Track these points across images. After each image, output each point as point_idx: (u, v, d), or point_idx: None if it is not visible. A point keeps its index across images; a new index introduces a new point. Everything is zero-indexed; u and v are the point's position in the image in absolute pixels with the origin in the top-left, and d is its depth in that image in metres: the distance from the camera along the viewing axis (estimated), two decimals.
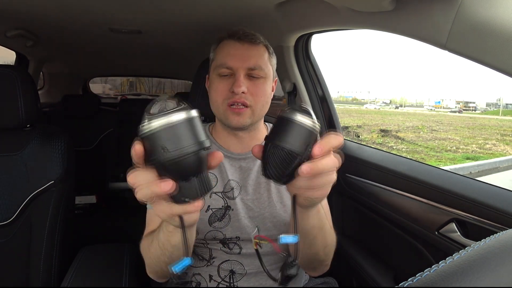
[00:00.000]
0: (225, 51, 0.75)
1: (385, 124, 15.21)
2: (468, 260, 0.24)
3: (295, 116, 0.42)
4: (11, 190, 0.97)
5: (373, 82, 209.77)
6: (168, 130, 0.36)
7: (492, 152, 9.12)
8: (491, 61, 0.53)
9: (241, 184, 0.77)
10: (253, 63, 0.73)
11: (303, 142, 0.42)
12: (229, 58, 0.73)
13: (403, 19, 0.67)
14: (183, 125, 0.37)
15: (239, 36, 0.75)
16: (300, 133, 0.42)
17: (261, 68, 0.74)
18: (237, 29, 0.76)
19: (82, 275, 0.91)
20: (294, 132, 0.42)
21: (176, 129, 0.36)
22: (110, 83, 5.39)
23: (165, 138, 0.36)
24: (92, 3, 1.02)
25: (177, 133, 0.36)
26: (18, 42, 1.48)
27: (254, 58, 0.74)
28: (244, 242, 0.75)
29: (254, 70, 0.73)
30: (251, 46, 0.75)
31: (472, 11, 0.53)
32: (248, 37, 0.75)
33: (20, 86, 0.96)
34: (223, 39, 0.78)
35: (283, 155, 0.42)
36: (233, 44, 0.75)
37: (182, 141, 0.36)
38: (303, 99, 1.27)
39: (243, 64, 0.73)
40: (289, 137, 0.42)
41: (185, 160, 0.37)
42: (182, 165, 0.37)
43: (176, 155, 0.36)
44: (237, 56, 0.73)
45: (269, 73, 0.77)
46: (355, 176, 1.10)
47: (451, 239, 0.75)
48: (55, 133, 1.04)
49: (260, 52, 0.76)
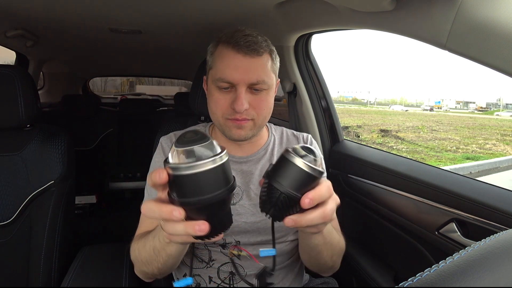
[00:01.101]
0: (225, 62, 0.68)
1: (385, 124, 15.21)
2: (468, 260, 0.24)
3: (299, 160, 0.42)
4: (11, 190, 0.97)
5: (373, 82, 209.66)
6: (207, 174, 0.37)
7: (492, 152, 9.12)
8: (491, 61, 0.53)
9: (243, 189, 0.75)
10: (255, 77, 0.67)
11: (304, 187, 0.42)
12: (230, 72, 0.66)
13: (403, 19, 0.67)
14: (219, 169, 0.38)
15: (241, 47, 0.67)
16: (303, 178, 0.42)
17: (264, 82, 0.69)
18: (238, 33, 0.68)
19: (82, 275, 0.91)
20: (297, 176, 0.42)
21: (215, 173, 0.37)
22: (110, 83, 5.39)
23: (204, 181, 0.37)
24: (92, 3, 1.02)
25: (215, 177, 0.37)
26: (18, 42, 1.48)
27: (257, 72, 0.68)
28: (244, 246, 0.74)
29: (257, 84, 0.68)
30: (253, 57, 0.68)
31: (472, 11, 0.53)
32: (251, 47, 0.67)
33: (20, 86, 0.96)
34: (222, 43, 0.70)
35: (284, 199, 0.42)
36: (234, 56, 0.67)
37: (218, 185, 0.38)
38: (303, 99, 1.27)
39: (244, 78, 0.67)
40: (292, 181, 0.42)
41: (218, 202, 0.38)
42: (215, 207, 0.38)
43: (212, 199, 0.37)
44: (238, 70, 0.67)
45: (272, 82, 0.72)
46: (355, 176, 1.10)
47: (451, 239, 0.75)
48: (55, 133, 1.04)
49: (263, 63, 0.69)
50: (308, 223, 0.43)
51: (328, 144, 1.28)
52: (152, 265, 0.59)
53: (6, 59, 2.11)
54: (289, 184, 0.42)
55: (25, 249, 0.97)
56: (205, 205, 0.37)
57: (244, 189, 0.75)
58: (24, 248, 0.97)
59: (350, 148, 1.21)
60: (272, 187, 0.43)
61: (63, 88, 2.66)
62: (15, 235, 0.97)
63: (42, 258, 0.97)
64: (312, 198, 0.42)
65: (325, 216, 0.44)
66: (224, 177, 0.38)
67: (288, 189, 0.42)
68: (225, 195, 0.38)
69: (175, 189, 0.38)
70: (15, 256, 0.97)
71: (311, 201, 0.42)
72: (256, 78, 0.68)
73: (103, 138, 2.48)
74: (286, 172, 0.42)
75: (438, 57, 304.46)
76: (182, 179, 0.37)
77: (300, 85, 1.27)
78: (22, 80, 0.97)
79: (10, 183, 0.97)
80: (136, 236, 0.69)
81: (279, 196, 0.42)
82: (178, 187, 0.38)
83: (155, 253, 0.56)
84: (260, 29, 0.74)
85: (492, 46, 0.51)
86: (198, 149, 0.37)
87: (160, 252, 0.55)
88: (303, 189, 0.42)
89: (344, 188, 1.15)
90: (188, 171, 0.36)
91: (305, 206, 0.42)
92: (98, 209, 2.42)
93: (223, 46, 0.70)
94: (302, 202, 0.42)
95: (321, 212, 0.44)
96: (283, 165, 0.42)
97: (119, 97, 3.31)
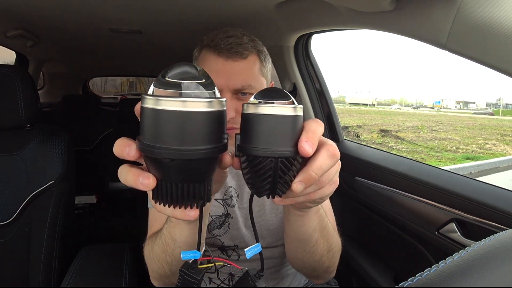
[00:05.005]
0: (206, 66, 0.63)
1: (385, 124, 15.21)
2: (468, 260, 0.24)
3: (274, 107, 0.31)
4: (11, 190, 0.97)
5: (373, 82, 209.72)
6: (189, 117, 0.27)
7: (492, 152, 9.12)
8: (491, 61, 0.53)
9: (238, 191, 0.74)
10: (239, 82, 0.62)
11: (294, 134, 0.31)
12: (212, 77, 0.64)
13: (403, 19, 0.67)
14: (211, 117, 0.28)
15: (222, 50, 0.62)
16: (288, 125, 0.31)
17: (251, 86, 0.64)
18: (220, 35, 0.64)
19: (82, 275, 0.91)
20: (281, 128, 0.31)
21: (199, 122, 0.27)
22: (110, 83, 5.38)
23: (182, 126, 0.27)
24: (92, 3, 1.02)
25: (198, 126, 0.27)
26: (18, 42, 1.48)
27: (241, 76, 0.63)
28: (242, 250, 0.74)
29: (242, 90, 0.63)
30: (237, 61, 0.63)
31: (472, 11, 0.53)
32: (233, 49, 0.62)
33: (20, 86, 0.96)
34: (204, 47, 0.66)
35: (284, 164, 0.31)
36: (215, 59, 0.63)
37: (204, 139, 0.28)
38: (303, 99, 1.27)
39: (228, 84, 0.62)
40: (279, 137, 0.31)
41: (192, 165, 0.28)
42: (191, 168, 0.29)
43: (190, 155, 0.27)
44: (220, 75, 0.62)
45: (261, 86, 0.67)
46: (355, 176, 1.10)
47: (451, 239, 0.75)
48: (55, 133, 1.04)
49: (249, 66, 0.64)
50: (319, 172, 0.32)
51: None
52: (162, 261, 0.56)
53: (6, 59, 2.11)
54: (278, 142, 0.30)
55: (25, 249, 0.97)
56: (179, 162, 0.27)
57: (239, 192, 0.74)
58: (24, 248, 0.97)
59: (350, 148, 1.21)
60: (257, 159, 0.31)
61: (63, 88, 2.65)
62: (15, 235, 0.97)
63: (42, 258, 0.97)
64: (310, 139, 0.31)
65: (333, 154, 0.34)
66: (214, 132, 0.28)
67: (280, 149, 0.30)
68: (206, 155, 0.28)
69: (144, 130, 0.28)
70: (15, 256, 0.97)
71: (311, 143, 0.31)
72: (240, 83, 0.63)
73: (103, 138, 2.48)
74: (265, 130, 0.30)
75: (438, 57, 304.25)
76: (152, 114, 0.27)
77: (300, 85, 1.27)
78: (22, 80, 0.97)
79: (10, 183, 0.97)
80: (148, 236, 0.66)
81: (276, 166, 0.31)
82: (146, 126, 0.28)
83: (163, 243, 0.53)
84: (260, 29, 0.74)
85: (492, 46, 0.51)
86: (189, 84, 0.28)
87: (167, 240, 0.52)
88: (295, 138, 0.31)
89: (344, 188, 1.15)
90: (162, 107, 0.26)
91: (308, 153, 0.31)
92: (98, 209, 2.42)
93: (205, 50, 0.66)
94: (301, 149, 0.31)
95: (325, 150, 0.33)
96: (255, 124, 0.31)
97: (119, 97, 3.31)
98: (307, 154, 0.31)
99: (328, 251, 0.57)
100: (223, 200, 0.73)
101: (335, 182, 0.38)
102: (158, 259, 0.56)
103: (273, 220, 0.72)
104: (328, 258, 0.58)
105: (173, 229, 0.50)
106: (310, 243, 0.53)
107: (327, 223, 0.55)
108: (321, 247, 0.55)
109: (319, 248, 0.55)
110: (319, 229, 0.52)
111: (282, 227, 0.72)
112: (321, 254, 0.56)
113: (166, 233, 0.52)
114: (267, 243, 0.73)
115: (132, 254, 1.02)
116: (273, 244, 0.74)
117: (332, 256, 0.59)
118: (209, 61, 0.64)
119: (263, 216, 0.72)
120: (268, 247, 0.73)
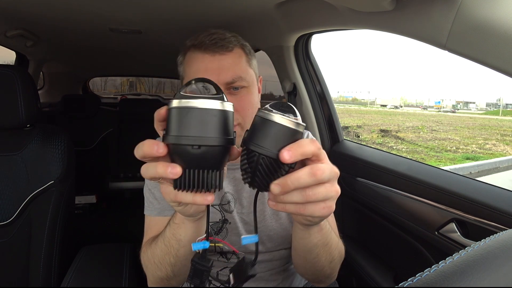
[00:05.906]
0: (194, 66, 0.64)
1: (385, 124, 15.21)
2: (468, 260, 0.24)
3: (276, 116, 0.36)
4: (11, 190, 0.97)
5: (373, 82, 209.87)
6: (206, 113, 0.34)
7: (492, 152, 9.12)
8: (491, 61, 0.53)
9: (236, 196, 0.72)
10: (230, 76, 0.63)
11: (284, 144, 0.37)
12: (200, 75, 0.62)
13: (403, 19, 0.67)
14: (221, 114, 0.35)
15: (207, 46, 0.62)
16: (281, 133, 0.36)
17: (241, 78, 0.64)
18: (202, 34, 0.64)
19: (82, 275, 0.91)
20: (275, 133, 0.36)
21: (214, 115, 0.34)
22: (110, 83, 5.39)
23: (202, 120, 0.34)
24: (92, 3, 1.02)
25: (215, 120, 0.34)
26: (18, 42, 1.48)
27: (230, 69, 0.63)
28: (242, 254, 0.74)
29: (234, 83, 0.63)
30: (223, 55, 0.63)
31: (472, 11, 0.53)
32: (218, 44, 0.62)
33: (20, 86, 0.96)
34: (188, 49, 0.66)
35: (264, 161, 0.37)
36: (202, 57, 0.63)
37: (218, 130, 0.34)
38: (303, 99, 1.27)
39: (218, 79, 0.61)
40: (271, 139, 0.36)
41: (211, 152, 0.35)
42: (210, 155, 0.35)
43: (211, 142, 0.34)
44: (209, 71, 0.62)
45: (251, 79, 0.67)
46: (355, 176, 1.10)
47: (451, 239, 0.75)
48: (55, 133, 1.04)
49: (236, 58, 0.64)
50: (295, 183, 0.36)
51: (328, 144, 1.28)
52: (165, 263, 0.55)
53: (6, 59, 2.11)
54: (268, 144, 0.36)
55: (25, 249, 0.97)
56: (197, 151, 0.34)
57: (237, 197, 0.72)
58: (24, 248, 0.97)
59: (350, 148, 1.21)
60: (250, 151, 0.37)
61: (63, 88, 2.66)
62: (15, 235, 0.97)
63: (42, 258, 0.97)
64: (292, 149, 0.35)
65: (314, 173, 0.36)
66: (226, 125, 0.35)
67: (267, 148, 0.36)
68: (222, 143, 0.34)
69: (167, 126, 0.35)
70: (15, 256, 0.97)
71: (291, 153, 0.34)
72: (231, 75, 0.63)
73: (103, 138, 2.48)
74: (263, 131, 0.37)
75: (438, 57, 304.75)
76: (176, 114, 0.34)
77: (300, 85, 1.27)
78: (22, 80, 0.97)
79: (10, 183, 0.97)
80: (145, 243, 0.65)
81: (257, 159, 0.37)
82: (169, 123, 0.35)
83: (166, 244, 0.54)
84: (260, 29, 0.74)
85: (492, 46, 0.51)
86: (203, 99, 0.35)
87: (170, 241, 0.53)
88: (284, 147, 0.36)
89: (344, 188, 1.15)
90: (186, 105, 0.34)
91: (285, 159, 0.34)
92: (98, 209, 2.42)
93: (191, 51, 0.66)
94: (281, 156, 0.35)
95: (309, 168, 0.36)
96: (259, 125, 0.37)
97: (119, 97, 3.31)
98: (283, 159, 0.35)
99: (330, 263, 0.59)
100: (220, 206, 0.72)
101: (329, 207, 0.39)
102: (160, 262, 0.57)
103: (273, 225, 0.72)
104: (329, 268, 0.60)
105: (177, 230, 0.51)
106: (311, 255, 0.55)
107: (331, 239, 0.56)
108: (323, 260, 0.57)
109: (321, 260, 0.57)
110: (321, 245, 0.54)
111: (281, 233, 0.72)
112: (322, 265, 0.58)
113: (170, 235, 0.53)
114: (266, 248, 0.73)
115: (132, 254, 1.02)
116: (273, 249, 0.74)
117: (334, 266, 0.61)
118: (196, 60, 0.64)
119: (263, 222, 0.72)
120: (267, 251, 0.73)
